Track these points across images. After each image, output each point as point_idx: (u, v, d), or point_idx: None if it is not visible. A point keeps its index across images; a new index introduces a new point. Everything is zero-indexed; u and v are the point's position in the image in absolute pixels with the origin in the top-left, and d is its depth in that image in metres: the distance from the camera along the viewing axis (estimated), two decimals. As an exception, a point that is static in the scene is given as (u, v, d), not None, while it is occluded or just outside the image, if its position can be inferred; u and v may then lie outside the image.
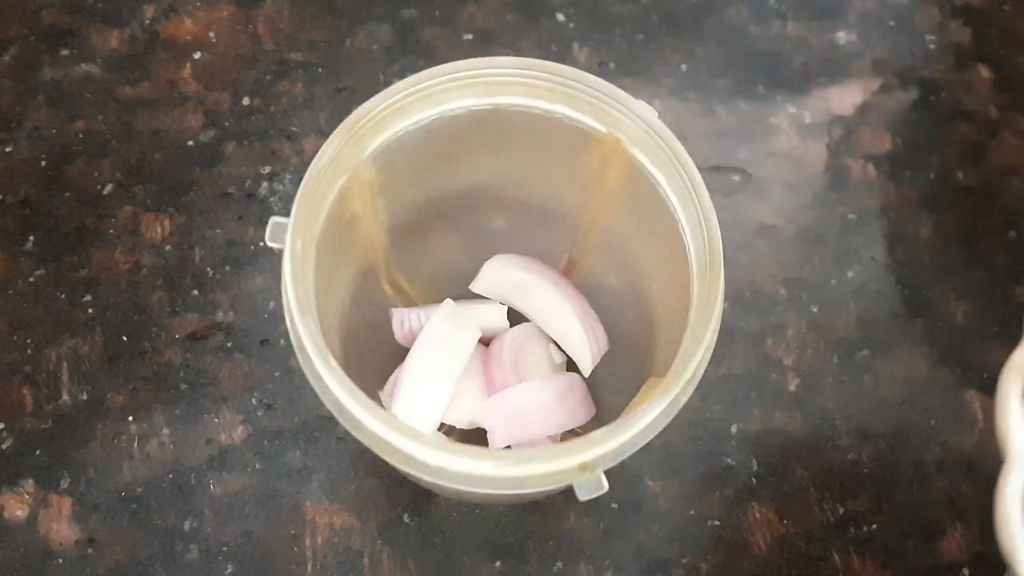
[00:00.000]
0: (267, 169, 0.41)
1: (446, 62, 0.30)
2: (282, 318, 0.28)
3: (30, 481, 0.35)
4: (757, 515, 0.36)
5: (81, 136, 0.41)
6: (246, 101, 0.42)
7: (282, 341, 0.38)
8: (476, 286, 0.36)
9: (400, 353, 0.34)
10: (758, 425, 0.37)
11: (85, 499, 0.35)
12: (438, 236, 0.35)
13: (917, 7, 0.47)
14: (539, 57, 0.31)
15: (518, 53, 0.43)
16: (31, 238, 0.39)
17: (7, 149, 0.41)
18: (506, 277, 0.35)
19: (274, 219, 0.28)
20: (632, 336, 0.34)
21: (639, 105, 0.29)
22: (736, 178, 0.42)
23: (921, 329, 0.40)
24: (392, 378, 0.34)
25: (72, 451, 0.36)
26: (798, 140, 0.43)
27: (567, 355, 0.35)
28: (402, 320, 0.35)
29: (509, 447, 0.32)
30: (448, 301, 0.34)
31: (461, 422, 0.33)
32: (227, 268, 0.39)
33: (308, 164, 0.28)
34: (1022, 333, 0.25)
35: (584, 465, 0.25)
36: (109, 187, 0.40)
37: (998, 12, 0.47)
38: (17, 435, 0.36)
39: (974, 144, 0.44)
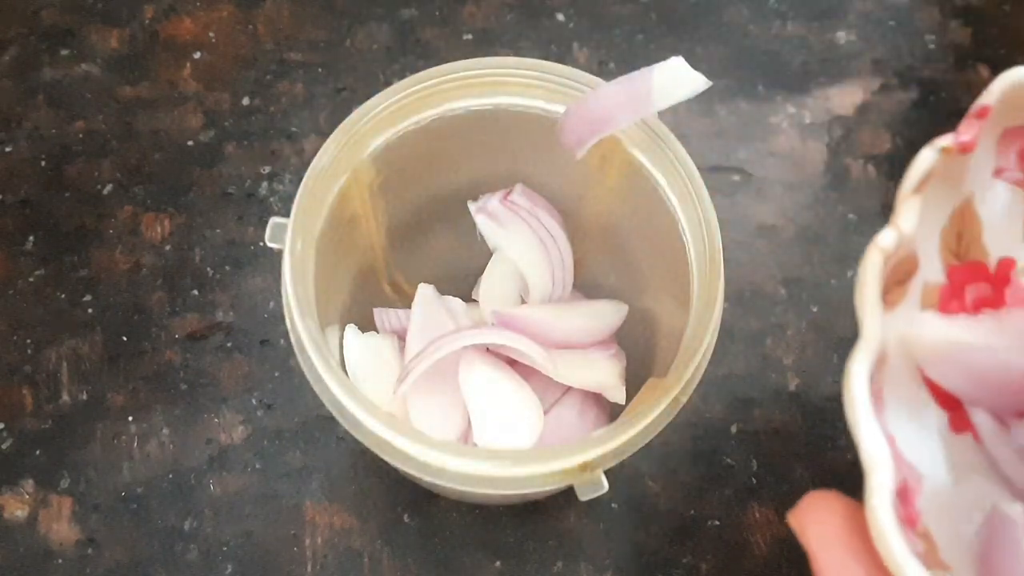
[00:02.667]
0: (267, 169, 0.41)
1: (446, 62, 0.30)
2: (282, 318, 0.28)
3: (30, 481, 0.35)
4: (757, 515, 0.36)
5: (81, 136, 0.41)
6: (246, 101, 0.42)
7: (282, 341, 0.38)
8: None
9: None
10: (758, 425, 0.37)
11: (85, 499, 0.35)
12: (438, 236, 0.35)
13: (917, 7, 0.47)
14: (539, 57, 0.31)
15: (518, 53, 0.43)
16: (31, 238, 0.39)
17: (7, 149, 0.41)
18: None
19: (274, 219, 0.28)
20: (632, 336, 0.34)
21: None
22: (736, 178, 0.42)
23: (921, 329, 0.40)
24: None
25: (72, 451, 0.36)
26: (798, 140, 0.43)
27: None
28: (383, 319, 0.35)
29: (505, 450, 0.32)
30: (422, 285, 0.34)
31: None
32: (227, 268, 0.39)
33: (308, 164, 0.28)
34: (892, 214, 0.24)
35: (584, 465, 0.25)
36: (109, 187, 0.40)
37: (998, 12, 0.47)
38: (17, 435, 0.36)
39: (974, 144, 0.44)
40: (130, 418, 0.36)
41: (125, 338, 0.38)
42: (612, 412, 0.34)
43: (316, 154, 0.28)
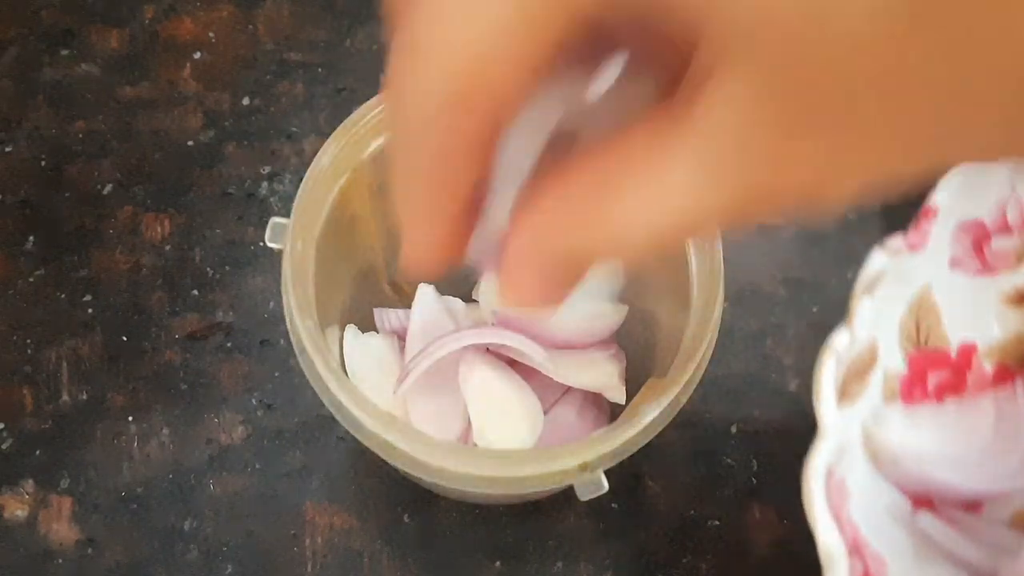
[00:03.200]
0: (267, 169, 0.41)
1: (446, 62, 0.30)
2: (282, 318, 0.28)
3: (30, 481, 0.35)
4: (757, 515, 0.36)
5: (81, 136, 0.41)
6: (246, 101, 0.42)
7: (282, 341, 0.38)
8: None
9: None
10: (758, 425, 0.37)
11: (85, 499, 0.35)
12: (438, 236, 0.35)
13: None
14: (539, 57, 0.30)
15: (518, 53, 0.43)
16: (31, 238, 0.39)
17: (7, 149, 0.41)
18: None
19: (274, 219, 0.28)
20: (632, 336, 0.34)
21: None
22: (736, 178, 0.42)
23: (921, 329, 0.40)
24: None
25: (72, 451, 0.36)
26: (798, 140, 0.43)
27: None
28: (383, 319, 0.35)
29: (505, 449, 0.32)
30: (422, 285, 0.34)
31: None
32: (227, 268, 0.39)
33: (308, 164, 0.28)
34: (847, 315, 0.25)
35: (584, 465, 0.25)
36: (109, 187, 0.40)
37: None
38: (17, 435, 0.36)
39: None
40: (130, 418, 0.36)
41: (125, 338, 0.38)
42: (612, 412, 0.34)
43: (316, 154, 0.28)
